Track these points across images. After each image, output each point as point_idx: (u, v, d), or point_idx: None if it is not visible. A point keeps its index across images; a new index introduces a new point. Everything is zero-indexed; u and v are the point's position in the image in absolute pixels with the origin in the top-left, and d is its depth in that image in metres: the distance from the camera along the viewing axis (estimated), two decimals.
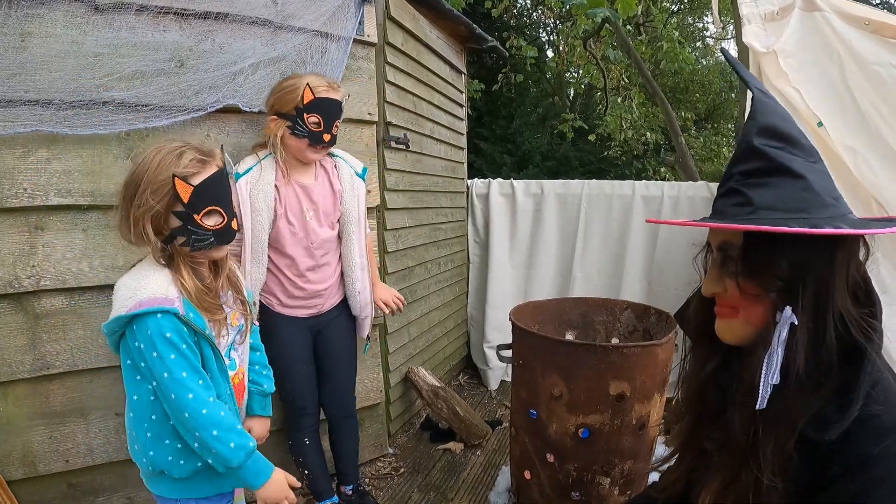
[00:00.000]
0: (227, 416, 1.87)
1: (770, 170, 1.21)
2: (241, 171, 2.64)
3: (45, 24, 2.36)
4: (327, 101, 2.60)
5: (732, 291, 1.27)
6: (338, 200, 2.85)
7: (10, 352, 2.49)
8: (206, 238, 1.88)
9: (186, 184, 1.81)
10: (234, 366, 2.11)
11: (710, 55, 18.87)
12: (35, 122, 2.36)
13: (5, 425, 2.54)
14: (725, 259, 1.29)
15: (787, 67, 3.02)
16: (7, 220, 2.43)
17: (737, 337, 1.31)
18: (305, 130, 2.59)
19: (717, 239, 1.31)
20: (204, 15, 2.65)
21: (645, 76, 9.40)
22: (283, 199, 2.71)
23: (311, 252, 2.79)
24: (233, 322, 2.09)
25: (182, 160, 1.82)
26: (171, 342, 1.80)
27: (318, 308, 2.91)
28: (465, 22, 4.64)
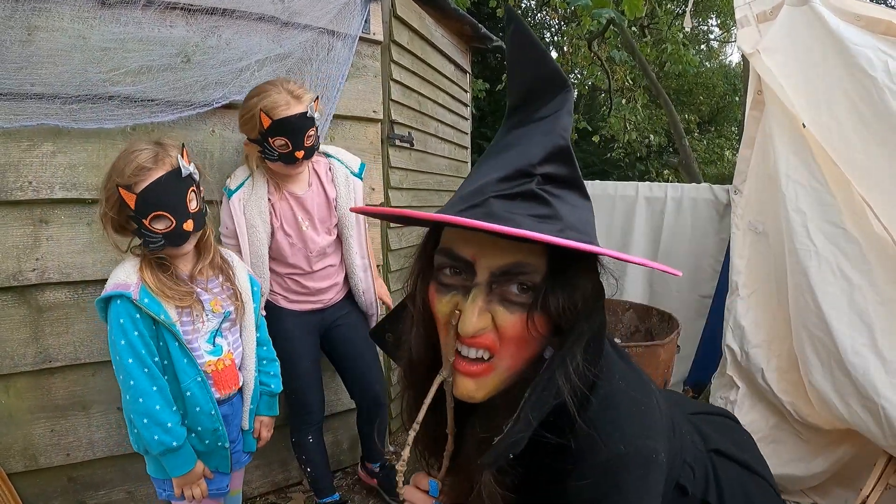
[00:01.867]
0: (162, 411, 1.95)
1: (569, 181, 1.00)
2: (233, 187, 2.62)
3: (52, 18, 2.36)
4: (288, 119, 2.44)
5: (510, 329, 0.98)
6: (332, 206, 2.80)
7: (12, 344, 2.49)
8: (157, 241, 1.96)
9: (130, 192, 1.89)
10: (218, 351, 2.17)
11: (714, 57, 18.89)
12: (41, 115, 2.36)
13: (7, 418, 2.54)
14: (503, 286, 0.98)
15: (771, 63, 3.00)
16: (12, 213, 2.43)
17: (488, 393, 1.04)
18: (275, 154, 2.50)
19: (500, 259, 0.97)
20: (210, 11, 2.65)
21: (649, 78, 9.40)
22: (279, 212, 2.68)
23: (311, 259, 2.77)
24: (214, 308, 2.15)
25: (127, 168, 1.89)
26: (123, 328, 1.93)
27: (324, 302, 2.89)
28: (470, 21, 4.63)
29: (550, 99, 1.02)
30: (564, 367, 0.98)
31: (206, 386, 2.08)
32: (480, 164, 1.07)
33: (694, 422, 1.48)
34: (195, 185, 2.05)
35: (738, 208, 3.30)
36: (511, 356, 1.01)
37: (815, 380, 2.75)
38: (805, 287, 2.79)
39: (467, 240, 0.99)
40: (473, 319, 0.97)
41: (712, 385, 3.37)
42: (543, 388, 0.98)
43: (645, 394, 1.11)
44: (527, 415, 0.97)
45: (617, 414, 1.03)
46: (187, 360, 2.04)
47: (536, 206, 0.95)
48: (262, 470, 3.23)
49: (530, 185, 0.96)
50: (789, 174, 2.91)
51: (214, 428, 2.11)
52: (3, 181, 2.38)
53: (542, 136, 1.00)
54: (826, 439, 2.95)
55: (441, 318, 1.05)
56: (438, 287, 1.05)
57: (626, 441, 1.00)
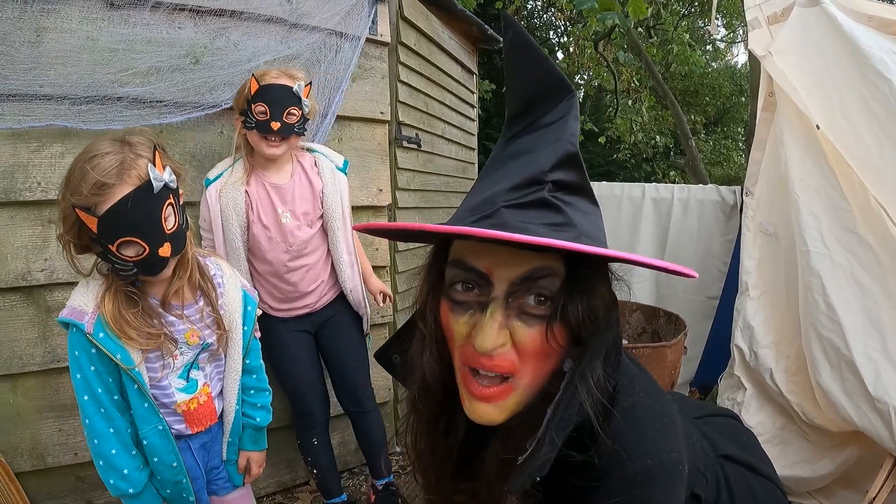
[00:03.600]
0: (118, 456, 1.77)
1: (579, 187, 0.98)
2: (212, 176, 2.60)
3: (61, 20, 2.37)
4: (273, 87, 2.46)
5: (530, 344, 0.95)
6: (317, 198, 2.72)
7: (21, 344, 2.50)
8: (127, 269, 1.66)
9: (89, 215, 1.56)
10: (192, 388, 1.92)
11: (720, 58, 18.86)
12: (50, 116, 2.37)
13: (15, 417, 2.55)
14: (520, 298, 0.95)
15: (784, 65, 2.98)
16: (20, 214, 2.44)
17: (508, 414, 1.00)
18: (253, 121, 2.47)
19: (519, 267, 0.93)
20: (219, 12, 2.66)
21: (656, 79, 9.40)
22: (255, 204, 2.61)
23: (291, 254, 2.68)
24: (189, 340, 1.87)
25: (84, 182, 1.55)
26: (78, 361, 1.71)
27: (311, 307, 2.84)
28: (477, 23, 4.64)
29: (555, 104, 1.00)
30: (586, 381, 0.95)
31: (168, 435, 1.85)
32: (486, 174, 1.05)
33: (700, 426, 1.47)
34: (172, 195, 1.71)
35: (749, 210, 3.28)
36: (531, 373, 0.97)
37: (824, 381, 2.73)
38: (817, 288, 2.77)
39: (481, 252, 0.96)
40: (493, 334, 0.92)
41: (720, 386, 3.35)
42: (567, 406, 0.95)
43: (665, 404, 1.09)
44: (552, 435, 0.94)
45: (640, 427, 1.01)
46: (147, 406, 1.80)
47: (550, 213, 0.92)
48: (268, 470, 3.21)
49: (542, 192, 0.93)
50: (803, 178, 2.89)
51: (176, 480, 1.90)
52: (11, 182, 2.39)
53: (550, 142, 0.97)
54: (832, 441, 2.93)
55: (457, 339, 1.01)
56: (452, 305, 1.01)
57: (652, 455, 0.98)
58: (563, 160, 0.96)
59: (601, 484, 0.97)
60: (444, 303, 1.03)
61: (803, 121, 2.92)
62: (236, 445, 2.09)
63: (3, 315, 2.48)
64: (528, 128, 1.02)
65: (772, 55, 3.01)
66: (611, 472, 0.96)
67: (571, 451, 0.95)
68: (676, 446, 1.02)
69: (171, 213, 1.70)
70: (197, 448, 2.00)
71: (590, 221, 0.97)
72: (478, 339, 0.93)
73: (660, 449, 0.99)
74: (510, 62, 1.05)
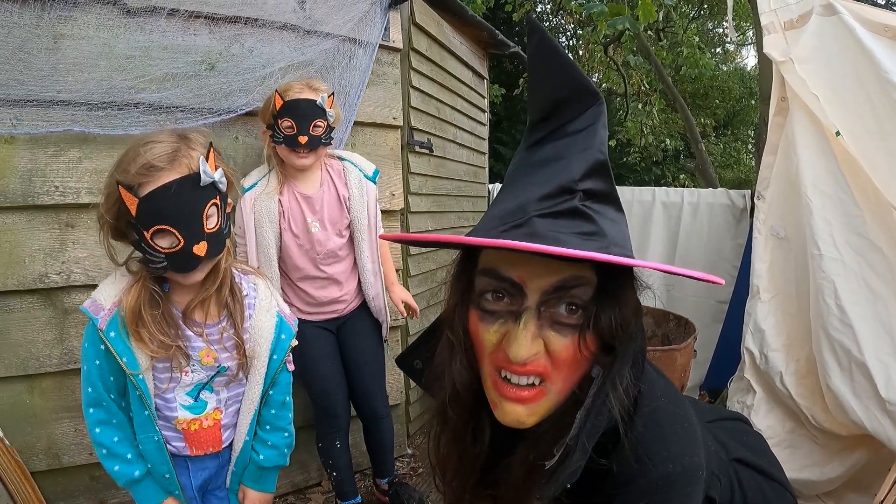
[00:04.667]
0: (120, 443, 1.74)
1: (607, 196, 0.99)
2: (247, 185, 2.65)
3: (78, 27, 2.40)
4: (298, 101, 2.52)
5: (563, 352, 0.96)
6: (344, 207, 2.76)
7: (38, 346, 2.53)
8: (157, 260, 1.58)
9: (131, 194, 1.51)
10: (199, 408, 1.82)
11: (729, 61, 18.77)
12: (67, 121, 2.40)
13: (31, 417, 2.58)
14: (552, 307, 0.95)
15: (804, 73, 2.99)
16: (38, 217, 2.47)
17: (539, 418, 1.00)
18: (281, 136, 2.55)
19: (552, 277, 0.94)
20: (234, 19, 2.68)
21: (665, 82, 9.39)
22: (287, 213, 2.67)
23: (319, 262, 2.75)
24: (204, 360, 1.77)
25: (134, 163, 1.52)
26: (87, 353, 1.69)
27: (339, 312, 2.89)
28: (487, 28, 4.64)
29: (582, 111, 1.00)
30: (616, 388, 0.97)
31: (163, 448, 1.78)
32: (514, 181, 1.04)
33: (711, 430, 1.48)
34: (219, 196, 1.65)
35: (761, 213, 3.29)
36: (563, 379, 0.98)
37: (834, 384, 2.74)
38: (829, 292, 2.78)
39: (514, 261, 0.95)
40: (527, 344, 0.93)
41: (730, 389, 3.36)
42: (597, 413, 0.97)
43: (684, 408, 1.10)
44: (583, 441, 0.95)
45: (662, 432, 1.02)
46: (147, 414, 1.73)
47: (581, 223, 0.93)
48: (281, 471, 3.23)
49: (573, 201, 0.93)
50: (815, 183, 2.91)
51: (168, 491, 1.84)
52: (29, 186, 2.43)
53: (580, 150, 0.98)
54: (841, 445, 2.93)
55: (486, 347, 1.01)
56: (483, 315, 1.01)
57: (674, 460, 0.99)
58: (593, 169, 0.96)
59: (624, 489, 0.99)
60: (473, 312, 1.03)
61: (816, 126, 2.93)
62: (239, 477, 1.97)
63: (20, 316, 2.51)
64: (553, 134, 1.02)
65: (792, 62, 3.02)
66: (634, 478, 0.98)
67: (596, 456, 0.97)
68: (697, 451, 1.04)
69: (215, 212, 1.64)
70: (196, 470, 1.91)
71: (618, 230, 0.97)
72: (512, 348, 0.94)
73: (681, 454, 1.01)
74: (535, 67, 1.05)
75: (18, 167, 2.41)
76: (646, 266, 0.88)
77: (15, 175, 2.41)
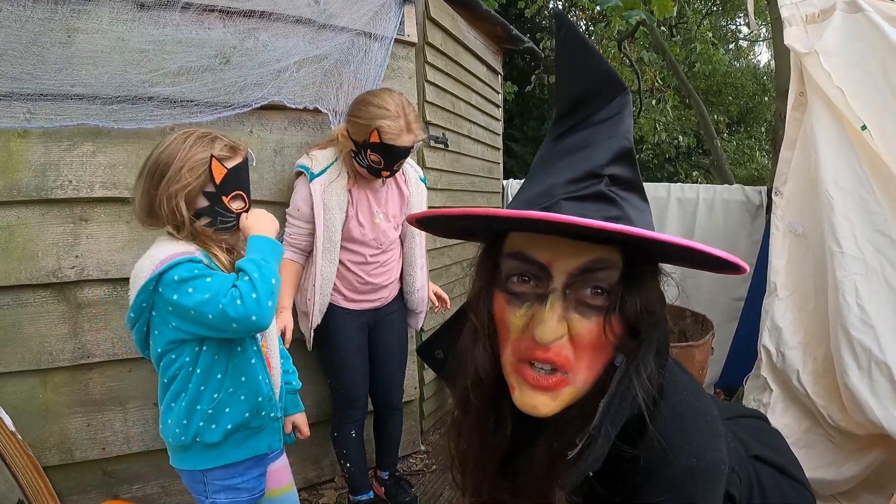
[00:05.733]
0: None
1: (633, 183, 0.98)
2: (316, 171, 2.69)
3: (91, 21, 2.40)
4: (394, 148, 2.56)
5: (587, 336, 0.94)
6: (405, 203, 2.93)
7: (51, 340, 2.53)
8: (230, 220, 1.93)
9: (222, 165, 1.87)
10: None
11: (742, 57, 18.68)
12: (81, 115, 2.40)
13: (44, 412, 2.58)
14: (577, 290, 0.94)
15: (829, 67, 2.97)
16: (52, 211, 2.47)
17: (559, 407, 0.98)
18: (365, 163, 2.62)
19: (578, 259, 0.93)
20: (248, 13, 2.68)
21: (680, 78, 9.35)
22: (355, 202, 2.78)
23: (378, 250, 2.86)
24: None
25: (216, 144, 1.88)
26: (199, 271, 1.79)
27: (381, 301, 2.98)
28: (501, 23, 4.63)
29: (607, 101, 1.01)
30: (640, 375, 0.96)
31: (261, 354, 2.04)
32: (543, 167, 1.05)
33: (731, 427, 1.46)
34: None
35: (779, 209, 3.26)
36: (587, 367, 0.96)
37: (852, 383, 2.72)
38: (849, 290, 2.77)
39: (542, 243, 0.95)
40: (553, 325, 0.92)
41: (746, 387, 3.33)
42: (621, 400, 0.96)
43: (707, 403, 1.08)
44: (606, 429, 0.94)
45: (685, 425, 1.01)
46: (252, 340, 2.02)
47: (607, 207, 0.93)
48: (294, 467, 3.18)
49: (599, 186, 0.94)
50: (836, 180, 2.89)
51: (270, 396, 2.04)
52: (43, 180, 2.42)
53: (606, 138, 0.98)
54: (857, 444, 2.91)
55: (512, 332, 1.00)
56: (509, 297, 1.00)
57: (698, 454, 0.97)
58: (619, 155, 0.97)
59: (646, 481, 0.97)
60: (499, 295, 1.03)
61: (836, 121, 2.93)
62: (283, 411, 2.20)
63: (33, 311, 2.50)
64: (580, 124, 1.02)
65: (818, 53, 3.00)
66: (656, 470, 0.97)
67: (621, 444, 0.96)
68: (719, 445, 1.02)
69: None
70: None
71: (643, 218, 0.97)
72: (538, 329, 0.93)
73: (704, 448, 0.99)
74: (562, 59, 1.05)
75: (32, 161, 2.41)
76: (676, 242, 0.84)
77: (28, 169, 2.41)
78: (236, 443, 2.01)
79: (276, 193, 2.96)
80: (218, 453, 2.00)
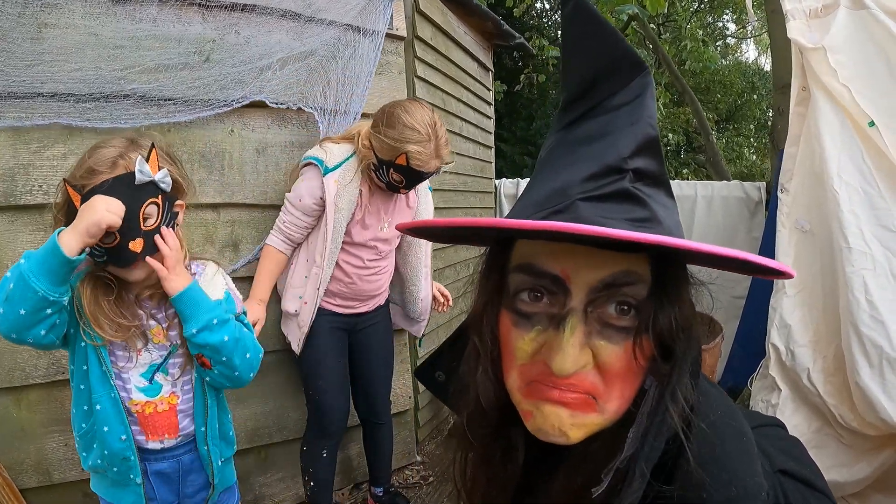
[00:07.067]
0: None
1: (659, 178, 0.84)
2: (331, 164, 2.59)
3: (63, 15, 2.31)
4: (420, 172, 2.50)
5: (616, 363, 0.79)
6: (413, 214, 2.89)
7: (23, 356, 2.43)
8: (98, 254, 1.68)
9: (76, 192, 1.63)
10: (154, 391, 1.86)
11: (730, 54, 18.83)
12: (52, 114, 2.31)
13: (19, 432, 2.48)
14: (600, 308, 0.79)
15: (835, 64, 2.94)
16: (21, 218, 2.38)
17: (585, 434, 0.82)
18: (386, 180, 2.55)
19: (600, 271, 0.77)
20: (229, 6, 2.60)
21: (674, 74, 9.38)
22: (364, 206, 2.69)
23: (375, 255, 2.79)
24: (155, 339, 1.85)
25: (80, 167, 1.68)
26: None
27: (368, 307, 2.90)
28: (492, 18, 4.62)
29: (626, 83, 0.85)
30: (677, 401, 0.80)
31: (119, 405, 1.79)
32: (550, 163, 0.89)
33: (756, 439, 1.36)
34: (161, 196, 1.74)
35: (784, 206, 3.22)
36: (618, 397, 0.81)
37: (863, 381, 2.68)
38: (858, 286, 2.74)
39: (555, 253, 0.79)
40: (575, 354, 0.76)
41: (753, 388, 3.30)
42: (657, 433, 0.80)
43: (741, 421, 0.93)
44: (641, 467, 0.79)
45: (724, 451, 0.86)
46: (105, 370, 1.77)
47: (632, 207, 0.78)
48: (285, 483, 3.15)
49: (623, 182, 0.79)
50: (841, 175, 2.87)
51: (124, 457, 1.82)
52: (11, 185, 2.33)
53: (628, 125, 0.83)
54: (869, 445, 2.88)
55: (518, 357, 0.84)
56: (517, 319, 0.84)
57: (737, 483, 0.83)
58: (644, 145, 0.81)
59: None
60: (505, 315, 0.86)
61: (840, 116, 2.92)
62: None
63: None
64: (595, 110, 0.87)
65: (824, 49, 2.97)
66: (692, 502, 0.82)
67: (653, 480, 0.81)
68: (757, 470, 0.88)
69: (155, 212, 1.73)
70: (154, 474, 1.92)
71: (672, 218, 0.82)
72: (556, 360, 0.76)
73: (743, 475, 0.85)
74: (570, 37, 0.91)
75: (0, 165, 2.31)
76: (731, 255, 0.69)
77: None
78: (104, 484, 1.92)
79: (259, 196, 2.87)
80: (95, 481, 1.95)
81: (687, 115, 14.52)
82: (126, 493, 1.88)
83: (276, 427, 3.03)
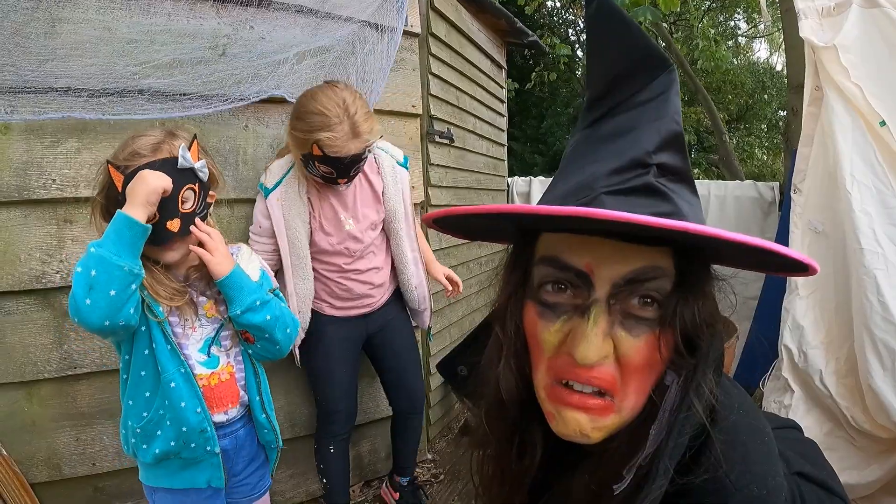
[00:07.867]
0: None
1: (683, 174, 0.84)
2: (270, 185, 2.52)
3: (77, 10, 2.29)
4: (340, 159, 2.31)
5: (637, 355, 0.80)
6: (379, 199, 2.68)
7: (35, 350, 2.42)
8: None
9: (119, 172, 1.71)
10: (213, 363, 1.95)
11: (742, 54, 18.76)
12: (65, 109, 2.29)
13: (30, 426, 2.47)
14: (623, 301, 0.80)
15: (847, 63, 2.92)
16: (34, 213, 2.36)
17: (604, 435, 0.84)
18: (318, 173, 2.39)
19: (624, 266, 0.78)
20: (244, 2, 2.57)
21: (687, 73, 9.38)
22: (317, 211, 2.57)
23: (354, 257, 2.65)
24: (209, 313, 1.96)
25: (123, 151, 1.76)
26: None
27: (371, 306, 2.80)
28: (506, 15, 4.60)
29: (650, 80, 0.86)
30: (701, 397, 0.80)
31: (191, 379, 1.86)
32: (575, 158, 0.90)
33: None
34: (198, 184, 1.84)
35: (797, 207, 3.20)
36: (635, 391, 0.82)
37: (876, 383, 2.67)
38: (871, 287, 2.72)
39: (579, 247, 0.81)
40: (598, 343, 0.77)
41: (766, 389, 3.28)
42: (680, 431, 0.80)
43: (762, 421, 0.93)
44: (665, 464, 0.79)
45: (745, 450, 0.85)
46: (171, 349, 1.83)
47: (656, 201, 0.78)
48: (295, 479, 3.14)
49: (647, 177, 0.79)
50: (854, 175, 2.85)
51: (202, 429, 1.88)
52: (24, 179, 2.32)
53: (652, 120, 0.83)
54: (880, 447, 2.86)
55: (545, 349, 0.85)
56: (542, 310, 0.85)
57: (759, 482, 0.83)
58: (668, 141, 0.82)
59: None
60: (530, 307, 0.88)
61: (853, 116, 2.90)
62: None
63: (17, 319, 2.40)
64: (619, 107, 0.88)
65: (836, 48, 2.95)
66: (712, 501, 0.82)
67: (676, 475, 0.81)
68: (778, 470, 0.88)
69: (192, 197, 1.83)
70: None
71: (696, 215, 0.82)
72: (580, 348, 0.78)
73: (766, 474, 0.85)
74: (595, 35, 0.92)
75: (13, 159, 2.30)
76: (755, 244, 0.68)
77: (9, 168, 2.30)
78: (171, 470, 1.95)
79: None
80: (157, 474, 1.97)
81: (698, 114, 14.48)
82: (199, 471, 1.94)
83: (287, 423, 3.02)
